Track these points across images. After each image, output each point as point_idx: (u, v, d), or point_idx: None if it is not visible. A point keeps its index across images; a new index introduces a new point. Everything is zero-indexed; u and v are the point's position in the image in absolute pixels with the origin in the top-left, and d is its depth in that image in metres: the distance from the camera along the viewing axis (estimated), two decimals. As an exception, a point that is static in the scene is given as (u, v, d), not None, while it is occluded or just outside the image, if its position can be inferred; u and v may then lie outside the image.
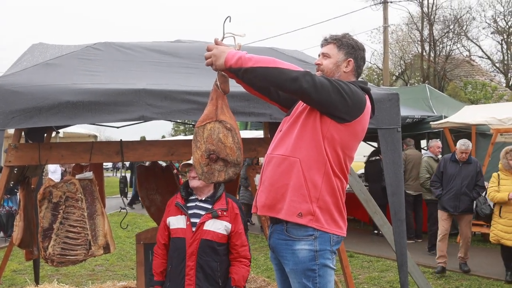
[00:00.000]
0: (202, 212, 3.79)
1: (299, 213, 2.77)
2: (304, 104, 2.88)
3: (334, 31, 3.06)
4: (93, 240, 4.20)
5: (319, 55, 3.07)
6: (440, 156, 9.30)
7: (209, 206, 3.81)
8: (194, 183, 3.82)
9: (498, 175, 7.21)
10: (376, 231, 10.61)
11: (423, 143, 13.27)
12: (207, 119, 2.89)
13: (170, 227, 3.89)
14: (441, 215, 7.79)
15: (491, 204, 7.42)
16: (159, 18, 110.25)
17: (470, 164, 7.70)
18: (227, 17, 2.92)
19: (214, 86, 2.94)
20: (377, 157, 10.79)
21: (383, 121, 4.06)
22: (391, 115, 4.07)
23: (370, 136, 11.76)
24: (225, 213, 3.80)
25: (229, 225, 3.80)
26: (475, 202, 7.79)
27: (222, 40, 2.89)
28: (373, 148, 11.64)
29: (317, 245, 2.80)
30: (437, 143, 9.50)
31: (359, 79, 3.08)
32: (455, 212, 7.64)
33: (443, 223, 7.75)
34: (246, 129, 14.49)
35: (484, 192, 7.76)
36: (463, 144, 7.64)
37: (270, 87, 3.08)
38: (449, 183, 7.70)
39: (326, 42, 3.05)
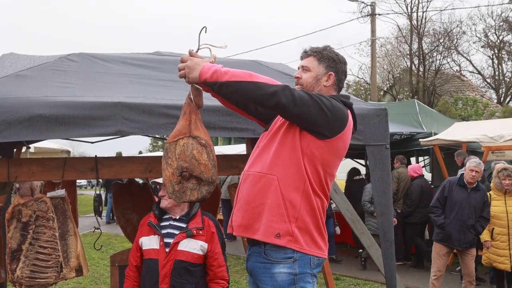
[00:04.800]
0: (176, 232, 3.62)
1: (277, 233, 2.63)
2: (283, 119, 2.74)
3: (321, 43, 2.93)
4: (65, 262, 3.99)
5: (298, 68, 2.94)
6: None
7: (184, 225, 3.64)
8: (163, 203, 3.66)
9: (490, 195, 6.89)
10: (360, 254, 9.45)
11: (413, 160, 12.97)
12: (179, 134, 2.74)
13: (143, 248, 3.71)
14: (440, 249, 6.54)
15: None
16: (137, 28, 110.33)
17: (479, 191, 6.52)
18: (203, 28, 2.79)
19: (187, 99, 2.79)
20: (361, 176, 10.52)
21: (371, 138, 3.97)
22: (379, 131, 3.98)
23: (357, 153, 11.67)
24: (200, 232, 3.63)
25: (205, 245, 3.63)
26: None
27: (197, 52, 2.75)
28: (357, 166, 11.45)
29: (297, 268, 2.66)
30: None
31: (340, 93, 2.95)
32: (460, 247, 6.42)
33: (440, 260, 6.53)
34: (230, 143, 14.33)
35: None
36: (474, 161, 6.44)
37: (248, 102, 2.94)
38: (453, 212, 6.46)
39: (306, 54, 2.92)
